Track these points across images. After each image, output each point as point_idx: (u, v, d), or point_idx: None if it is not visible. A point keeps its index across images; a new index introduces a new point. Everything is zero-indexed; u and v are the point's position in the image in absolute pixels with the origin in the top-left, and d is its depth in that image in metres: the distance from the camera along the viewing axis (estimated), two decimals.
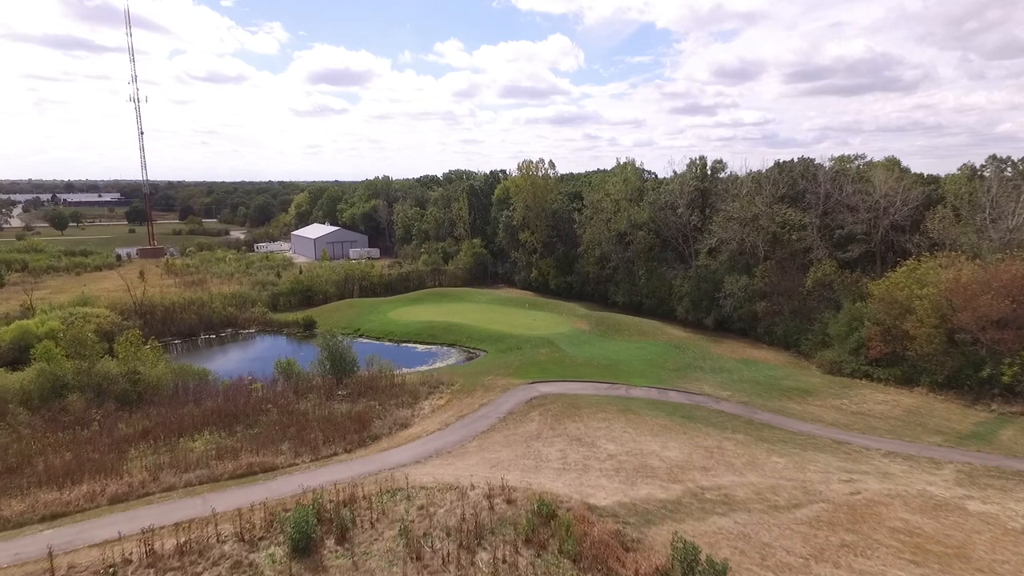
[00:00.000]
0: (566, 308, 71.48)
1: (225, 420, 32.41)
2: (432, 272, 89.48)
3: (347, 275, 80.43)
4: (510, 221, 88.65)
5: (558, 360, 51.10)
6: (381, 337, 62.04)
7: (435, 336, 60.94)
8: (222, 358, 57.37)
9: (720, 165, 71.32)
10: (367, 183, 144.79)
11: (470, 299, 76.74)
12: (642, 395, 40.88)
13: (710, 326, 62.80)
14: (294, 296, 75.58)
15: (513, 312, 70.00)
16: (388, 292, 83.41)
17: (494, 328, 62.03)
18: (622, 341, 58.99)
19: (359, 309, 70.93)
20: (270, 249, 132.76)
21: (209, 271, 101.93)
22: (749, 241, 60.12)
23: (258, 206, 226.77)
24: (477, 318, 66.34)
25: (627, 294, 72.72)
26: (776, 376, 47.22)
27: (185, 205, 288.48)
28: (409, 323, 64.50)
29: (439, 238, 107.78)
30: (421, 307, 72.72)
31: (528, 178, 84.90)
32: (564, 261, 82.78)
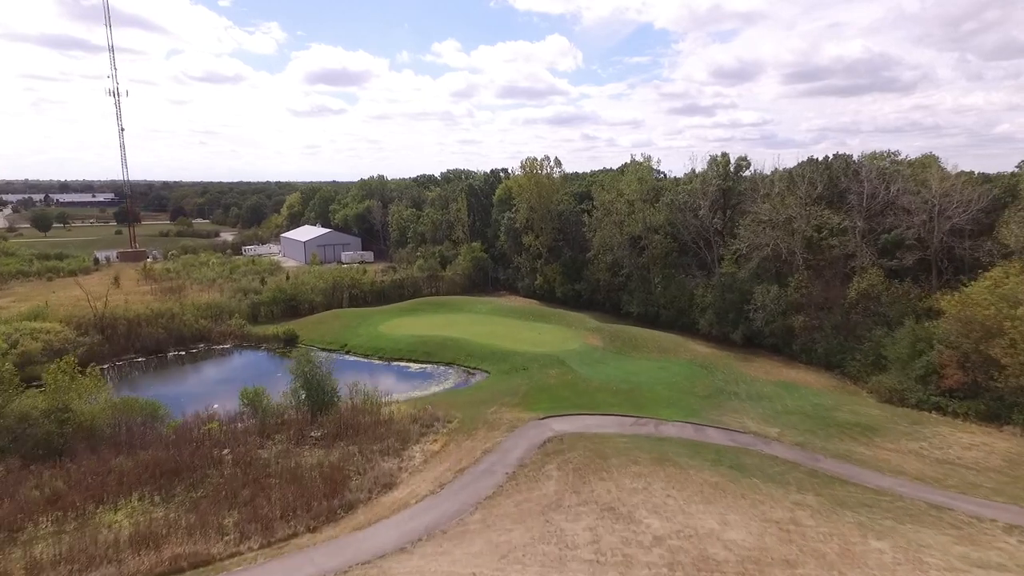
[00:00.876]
0: (575, 319, 64.86)
1: (164, 477, 25.77)
2: (428, 278, 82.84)
3: (335, 283, 73.76)
4: (512, 223, 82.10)
5: (571, 384, 44.50)
6: (370, 354, 55.37)
7: (430, 353, 54.28)
8: (186, 380, 50.62)
9: (744, 163, 64.77)
10: (361, 183, 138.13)
11: (469, 309, 70.11)
12: (675, 433, 34.27)
13: (738, 342, 56.22)
14: (276, 306, 68.90)
15: (517, 324, 63.38)
16: (380, 300, 76.76)
17: (496, 344, 55.41)
18: (640, 359, 52.40)
19: (347, 321, 64.25)
20: (258, 252, 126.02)
21: (190, 276, 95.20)
22: (784, 247, 53.50)
23: (250, 207, 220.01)
24: (477, 331, 59.72)
25: (642, 304, 66.13)
26: (825, 405, 40.65)
27: (176, 206, 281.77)
28: (401, 337, 57.82)
29: (436, 241, 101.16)
30: (415, 318, 66.05)
31: (532, 177, 78.33)
32: (571, 267, 76.19)
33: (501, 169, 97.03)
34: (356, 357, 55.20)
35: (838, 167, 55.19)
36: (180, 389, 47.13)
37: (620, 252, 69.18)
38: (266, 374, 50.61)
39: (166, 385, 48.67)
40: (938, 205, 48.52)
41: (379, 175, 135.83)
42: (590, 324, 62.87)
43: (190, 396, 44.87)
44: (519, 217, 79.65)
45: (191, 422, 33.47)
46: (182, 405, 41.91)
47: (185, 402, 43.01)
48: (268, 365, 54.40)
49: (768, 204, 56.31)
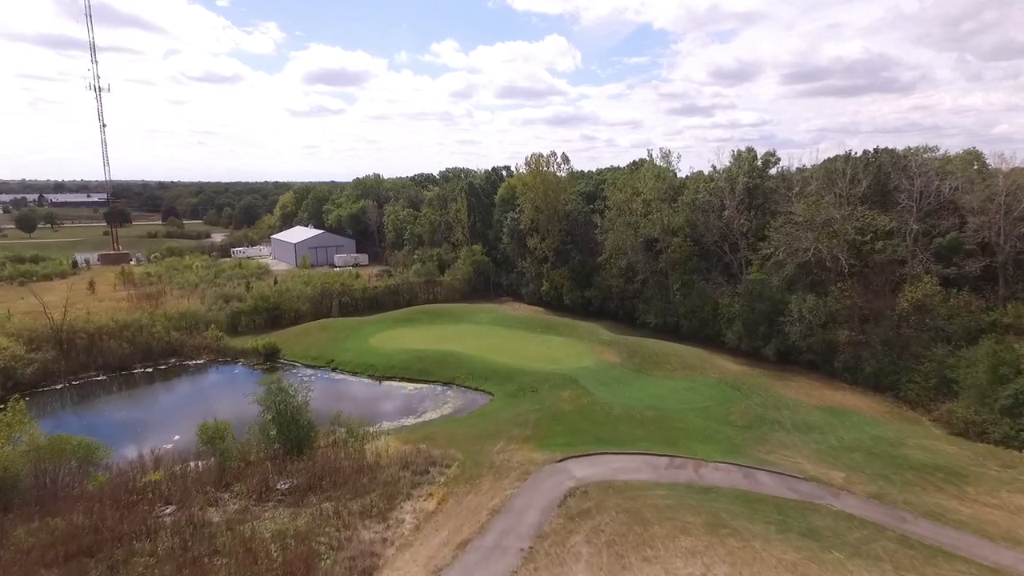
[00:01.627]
0: (587, 331, 58.90)
1: (75, 557, 19.81)
2: (426, 284, 76.87)
3: (324, 289, 67.75)
4: (516, 224, 76.20)
5: (588, 411, 38.58)
6: (359, 371, 49.38)
7: (427, 371, 48.30)
8: (148, 404, 44.53)
9: (772, 158, 58.91)
10: (356, 182, 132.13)
11: (470, 318, 64.12)
12: (722, 480, 28.33)
13: (770, 357, 50.33)
14: (258, 316, 62.89)
15: (523, 337, 57.40)
16: (373, 309, 70.79)
17: (501, 360, 49.46)
18: (663, 379, 46.47)
19: (335, 332, 58.24)
20: (247, 255, 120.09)
21: (172, 281, 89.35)
22: (827, 251, 47.60)
23: (244, 207, 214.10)
24: (479, 345, 53.76)
25: (660, 314, 60.18)
26: (888, 439, 34.75)
27: (169, 206, 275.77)
28: (394, 352, 51.84)
29: (434, 243, 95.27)
30: (411, 330, 60.05)
31: (538, 175, 72.39)
32: (581, 272, 70.29)
33: (503, 167, 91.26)
34: (343, 375, 49.22)
35: (886, 161, 49.26)
36: (139, 415, 41.12)
37: (634, 256, 63.28)
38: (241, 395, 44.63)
39: (124, 410, 42.65)
40: (1003, 204, 42.66)
41: (375, 174, 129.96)
42: (604, 336, 56.90)
43: (149, 425, 38.94)
44: (524, 218, 73.77)
45: (130, 470, 27.45)
46: (137, 437, 36.06)
47: (141, 433, 37.14)
48: (245, 383, 48.29)
49: (803, 203, 50.44)
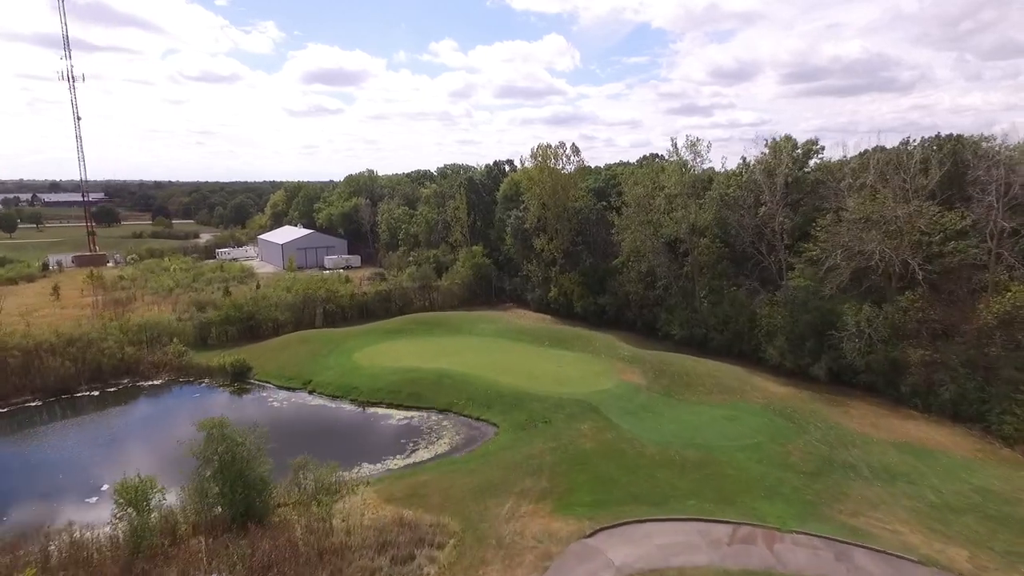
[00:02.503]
0: (603, 344, 51.68)
1: None
2: (421, 289, 69.64)
3: (307, 296, 60.47)
4: (521, 223, 68.98)
5: (615, 451, 31.43)
6: (340, 395, 42.13)
7: (419, 395, 41.05)
8: (78, 440, 36.98)
9: (815, 147, 51.66)
10: (348, 179, 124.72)
11: (470, 329, 56.87)
12: (810, 565, 21.10)
13: (821, 377, 43.11)
14: (232, 327, 55.60)
15: (530, 352, 50.17)
16: (362, 317, 63.56)
17: (506, 381, 42.26)
18: (699, 405, 39.27)
19: (316, 346, 50.98)
20: (233, 256, 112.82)
21: (145, 285, 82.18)
22: (895, 255, 40.37)
23: (235, 206, 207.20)
24: (480, 362, 46.56)
25: (686, 324, 52.91)
26: (996, 492, 27.63)
27: (159, 205, 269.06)
28: (383, 371, 44.61)
29: (431, 244, 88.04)
30: (403, 343, 52.80)
31: (545, 169, 65.15)
32: (593, 276, 63.07)
33: (506, 160, 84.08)
34: (322, 400, 41.95)
35: (967, 148, 42.02)
36: (65, 455, 33.81)
37: (655, 259, 56.07)
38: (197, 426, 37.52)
39: (50, 447, 35.26)
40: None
41: (368, 170, 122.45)
42: (623, 351, 49.66)
43: (73, 470, 31.69)
44: (529, 216, 66.54)
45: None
46: (50, 492, 28.85)
47: (59, 484, 29.89)
48: (207, 408, 41.09)
49: (858, 198, 43.23)
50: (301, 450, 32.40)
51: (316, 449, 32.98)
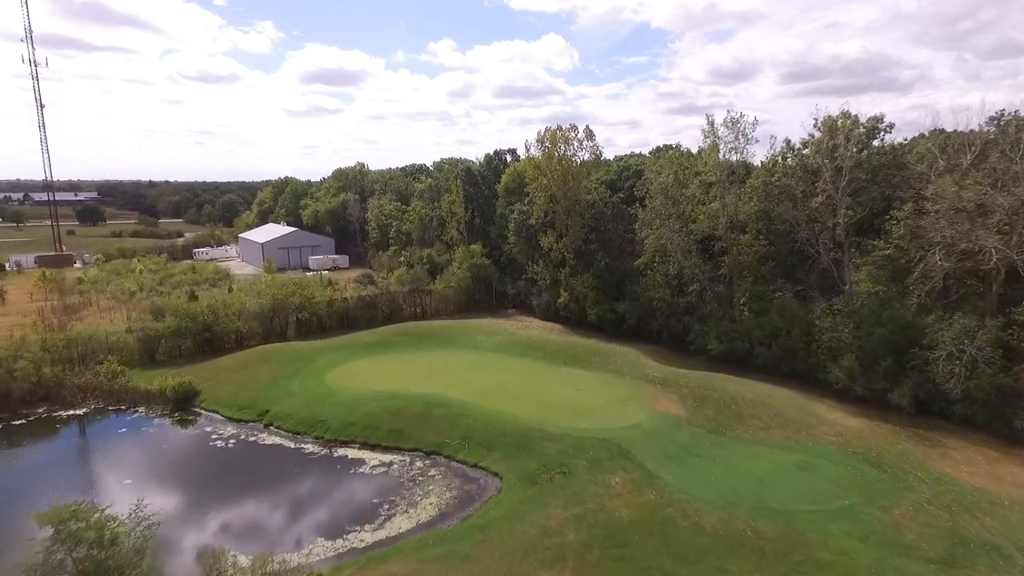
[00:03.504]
0: (626, 361, 43.16)
1: None
2: (411, 294, 61.05)
3: (276, 303, 51.87)
4: (525, 218, 60.46)
5: (662, 522, 22.95)
6: (303, 431, 33.53)
7: (402, 431, 32.47)
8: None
9: (880, 125, 43.04)
10: (337, 173, 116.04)
11: (466, 342, 48.30)
12: None
13: (904, 407, 34.54)
14: (184, 339, 47.05)
15: (539, 371, 41.63)
16: (343, 327, 55.03)
17: (510, 411, 33.77)
18: (757, 445, 30.75)
19: (280, 365, 42.41)
20: (211, 256, 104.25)
21: (106, 289, 73.80)
22: (1013, 255, 31.81)
23: (223, 204, 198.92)
24: (479, 384, 38.04)
25: (724, 337, 44.31)
26: None
27: (147, 204, 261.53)
28: (359, 397, 36.04)
29: (425, 243, 79.55)
30: (386, 359, 44.25)
31: (554, 156, 56.55)
32: (609, 279, 54.55)
33: (507, 149, 75.43)
34: (279, 438, 33.35)
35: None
36: None
37: (686, 259, 47.53)
38: (121, 473, 29.05)
39: None
40: None
41: (359, 163, 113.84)
42: (651, 370, 41.13)
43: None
44: (535, 210, 57.99)
45: None
46: None
47: None
48: (126, 452, 32.63)
49: (941, 184, 34.70)
50: (234, 518, 24.04)
51: (257, 515, 24.61)
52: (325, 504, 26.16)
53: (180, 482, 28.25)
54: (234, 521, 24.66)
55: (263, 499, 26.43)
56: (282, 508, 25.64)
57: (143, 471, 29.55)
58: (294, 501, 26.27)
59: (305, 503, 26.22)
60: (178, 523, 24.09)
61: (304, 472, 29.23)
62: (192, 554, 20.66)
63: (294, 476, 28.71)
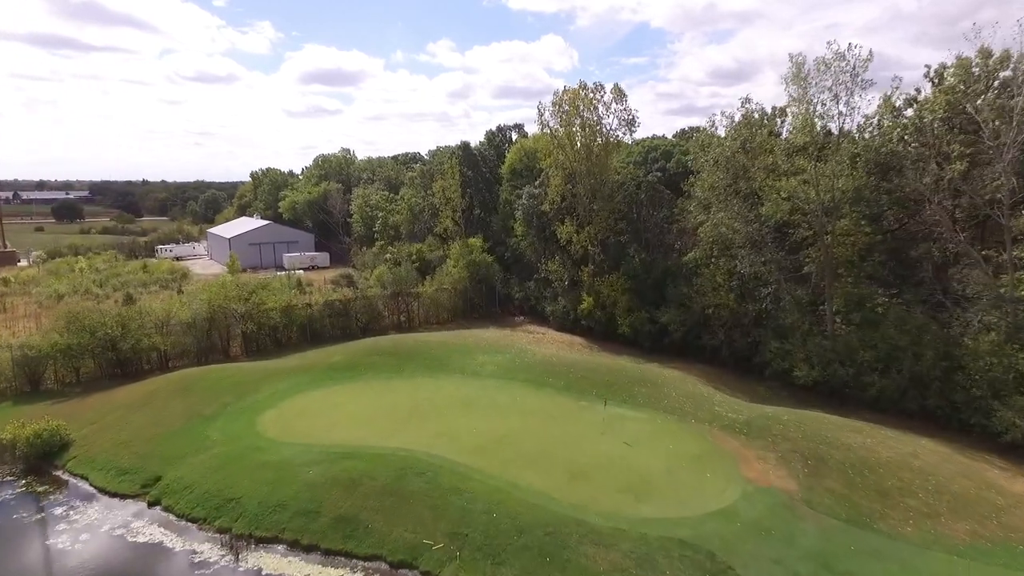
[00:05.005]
0: (682, 391, 31.08)
1: None
2: (394, 299, 48.97)
3: (215, 311, 39.78)
4: (536, 204, 48.47)
5: None
6: (204, 517, 21.38)
7: (356, 523, 20.35)
8: None
9: None
10: (319, 160, 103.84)
11: (462, 365, 36.08)
12: None
13: None
14: (82, 360, 35.00)
15: (566, 411, 29.45)
16: (306, 341, 43.04)
17: (526, 487, 21.77)
18: (931, 548, 18.68)
19: (201, 399, 30.26)
20: (176, 254, 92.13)
21: (29, 292, 61.92)
22: None
23: (206, 200, 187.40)
24: (479, 436, 25.98)
25: (816, 360, 32.11)
26: None
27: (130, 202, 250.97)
28: (299, 458, 23.90)
29: (416, 237, 67.58)
30: (351, 392, 32.07)
31: (573, 123, 44.49)
32: (646, 281, 42.56)
33: (512, 125, 63.25)
34: (164, 529, 21.19)
35: None
36: None
37: (755, 254, 35.53)
38: None
39: None
40: None
41: (343, 149, 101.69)
42: (722, 408, 29.04)
43: None
44: (549, 192, 46.00)
45: None
46: None
47: None
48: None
49: None
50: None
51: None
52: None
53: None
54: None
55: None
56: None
57: None
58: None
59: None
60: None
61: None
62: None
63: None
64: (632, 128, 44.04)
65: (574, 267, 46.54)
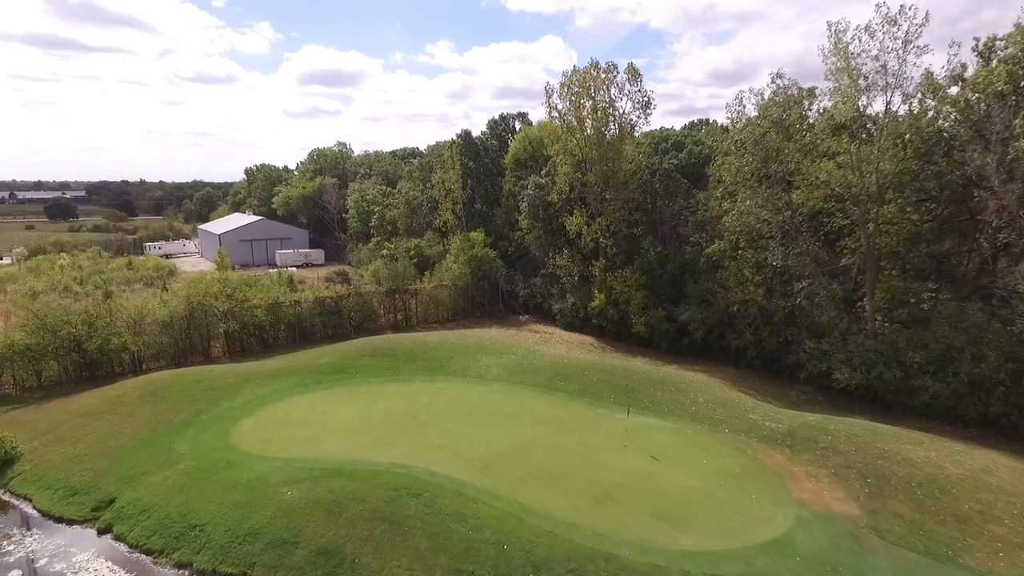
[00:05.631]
0: (711, 396, 27.79)
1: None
2: (390, 296, 45.68)
3: (193, 307, 36.47)
4: (542, 194, 45.19)
5: None
6: (160, 549, 18.06)
7: (339, 557, 17.05)
8: None
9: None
10: (315, 154, 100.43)
11: (464, 368, 32.74)
12: None
13: None
14: (44, 362, 31.70)
15: (582, 419, 26.11)
16: (294, 341, 39.76)
17: (542, 512, 18.44)
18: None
19: (171, 406, 26.93)
20: (165, 251, 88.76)
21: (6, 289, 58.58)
22: None
23: (201, 199, 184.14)
24: (486, 448, 22.68)
25: (859, 362, 28.79)
26: None
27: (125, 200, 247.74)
28: (275, 476, 20.59)
29: (414, 232, 64.30)
30: (340, 398, 28.73)
31: (583, 106, 41.21)
32: (662, 276, 39.29)
33: (516, 114, 59.84)
34: (112, 564, 17.91)
35: None
36: None
37: (787, 245, 32.27)
38: None
39: None
40: None
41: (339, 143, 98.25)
42: (759, 416, 25.74)
43: None
44: (558, 180, 42.74)
45: None
46: None
47: None
48: None
49: None
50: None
51: None
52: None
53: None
54: None
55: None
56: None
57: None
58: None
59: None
60: None
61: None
62: None
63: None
64: (648, 111, 40.70)
65: (584, 262, 43.27)
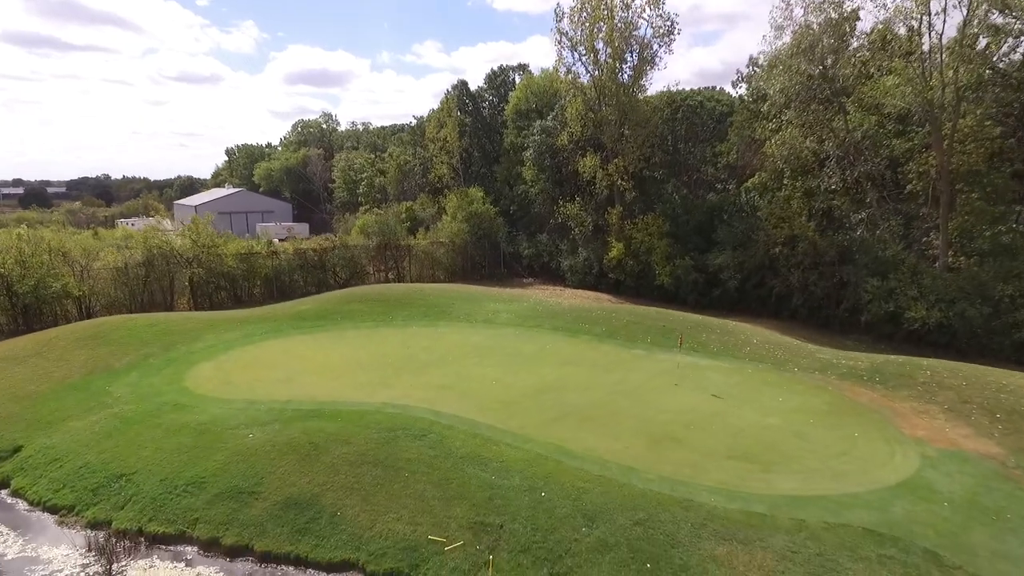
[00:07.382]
0: (764, 339, 23.36)
1: None
2: (380, 252, 40.95)
3: (152, 253, 31.59)
4: (549, 139, 40.64)
5: None
6: (73, 507, 13.23)
7: (315, 508, 12.36)
8: None
9: None
10: (300, 126, 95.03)
11: (469, 313, 28.01)
12: None
13: None
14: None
15: (616, 359, 21.51)
16: (271, 297, 34.94)
17: (584, 452, 13.81)
18: None
19: (115, 349, 22.02)
20: (138, 227, 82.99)
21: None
22: None
23: (181, 185, 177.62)
24: (503, 388, 18.07)
25: (937, 301, 24.54)
26: None
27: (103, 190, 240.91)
28: (235, 417, 15.85)
29: (406, 196, 59.55)
30: (320, 341, 23.96)
31: (597, 30, 36.67)
32: (688, 223, 34.90)
33: (517, 66, 55.15)
34: (2, 527, 13.08)
35: None
36: None
37: (845, 169, 27.97)
38: None
39: None
40: None
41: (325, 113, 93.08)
42: (829, 355, 21.36)
43: None
44: (569, 122, 38.18)
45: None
46: None
47: None
48: None
49: None
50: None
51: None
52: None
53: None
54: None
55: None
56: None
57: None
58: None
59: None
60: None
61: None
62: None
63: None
64: (671, 38, 36.19)
65: (598, 210, 38.75)
